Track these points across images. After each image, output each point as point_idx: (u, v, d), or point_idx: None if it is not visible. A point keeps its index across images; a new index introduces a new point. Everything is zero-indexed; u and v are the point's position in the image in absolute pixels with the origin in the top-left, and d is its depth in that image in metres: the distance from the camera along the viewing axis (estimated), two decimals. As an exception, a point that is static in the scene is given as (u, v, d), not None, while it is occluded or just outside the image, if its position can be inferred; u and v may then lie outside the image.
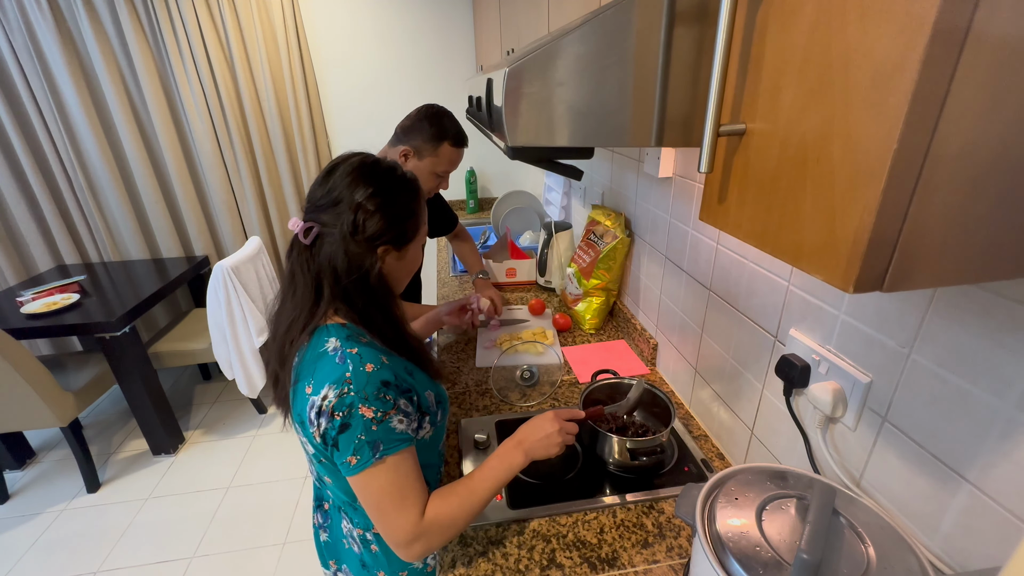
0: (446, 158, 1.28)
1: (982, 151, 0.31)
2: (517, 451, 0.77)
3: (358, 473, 0.66)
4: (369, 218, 0.71)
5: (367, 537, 0.82)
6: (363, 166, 0.74)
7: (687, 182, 1.07)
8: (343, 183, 0.72)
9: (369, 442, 0.65)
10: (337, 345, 0.69)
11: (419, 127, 1.25)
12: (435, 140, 1.25)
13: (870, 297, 0.64)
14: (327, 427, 0.65)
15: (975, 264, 0.34)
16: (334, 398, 0.65)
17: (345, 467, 0.66)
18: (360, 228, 0.70)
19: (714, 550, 0.54)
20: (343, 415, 0.65)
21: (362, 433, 0.65)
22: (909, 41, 0.28)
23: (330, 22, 2.57)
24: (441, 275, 2.03)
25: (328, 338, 0.70)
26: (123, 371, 2.12)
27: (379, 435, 0.66)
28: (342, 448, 0.65)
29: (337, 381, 0.66)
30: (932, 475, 0.57)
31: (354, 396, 0.65)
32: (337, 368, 0.67)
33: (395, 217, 0.73)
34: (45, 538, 1.95)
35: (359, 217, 0.70)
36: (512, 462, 0.76)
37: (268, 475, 2.22)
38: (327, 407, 0.65)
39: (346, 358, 0.67)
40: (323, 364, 0.68)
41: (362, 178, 0.72)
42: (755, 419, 0.90)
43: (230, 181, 2.70)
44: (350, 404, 0.65)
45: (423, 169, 1.28)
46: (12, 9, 2.20)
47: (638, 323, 1.40)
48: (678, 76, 0.53)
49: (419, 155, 1.26)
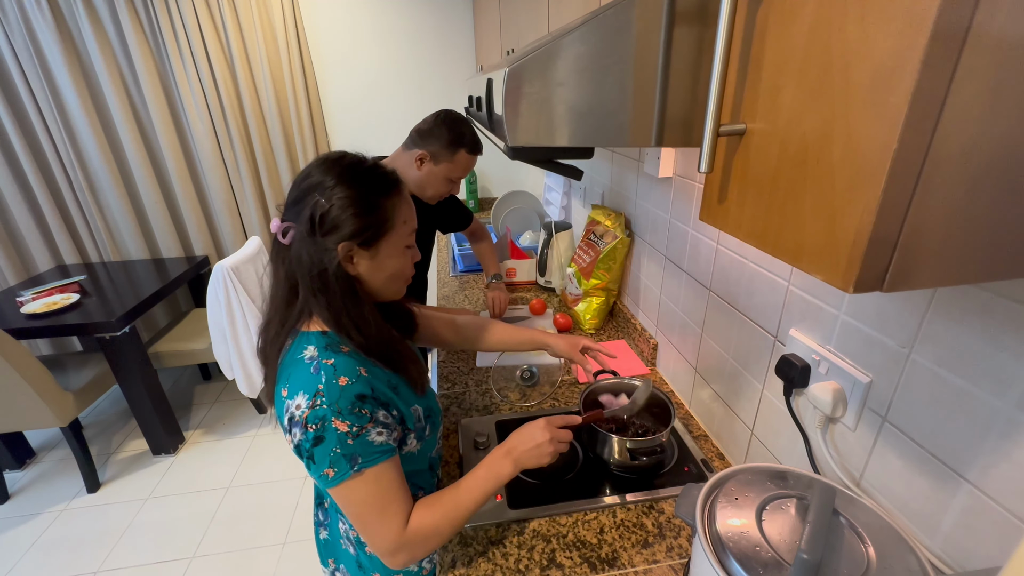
0: (462, 165, 1.29)
1: (982, 151, 0.31)
2: (506, 461, 0.75)
3: (336, 486, 0.65)
4: (325, 212, 0.67)
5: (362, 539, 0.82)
6: (326, 161, 0.71)
7: (687, 182, 1.07)
8: (308, 180, 0.70)
9: (346, 455, 0.64)
10: (314, 354, 0.67)
11: (437, 132, 1.25)
12: (452, 146, 1.25)
13: (870, 297, 0.64)
14: (301, 439, 0.64)
15: (975, 264, 0.34)
16: (307, 409, 0.64)
17: (323, 480, 0.65)
18: (316, 223, 0.67)
19: (714, 550, 0.54)
20: (316, 428, 0.63)
21: (337, 447, 0.64)
22: (909, 41, 0.28)
23: (330, 22, 2.57)
24: (441, 275, 2.03)
25: (307, 345, 0.69)
26: (123, 371, 2.12)
27: (356, 448, 0.65)
28: (318, 461, 0.64)
29: (310, 391, 0.64)
30: (932, 475, 0.57)
31: (327, 409, 0.63)
32: (311, 378, 0.65)
33: (354, 211, 0.68)
34: (45, 538, 1.95)
35: (315, 212, 0.66)
36: (500, 472, 0.74)
37: (268, 475, 2.22)
38: (300, 417, 0.64)
39: (320, 369, 0.66)
40: (298, 371, 0.67)
41: (323, 172, 0.69)
42: (755, 419, 0.90)
43: (230, 181, 2.70)
44: (323, 417, 0.63)
45: (438, 174, 1.28)
46: (12, 9, 2.20)
47: (638, 323, 1.40)
48: (678, 76, 0.53)
49: (435, 160, 1.26)
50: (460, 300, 1.77)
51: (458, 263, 2.05)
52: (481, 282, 1.91)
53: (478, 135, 1.29)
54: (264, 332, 0.75)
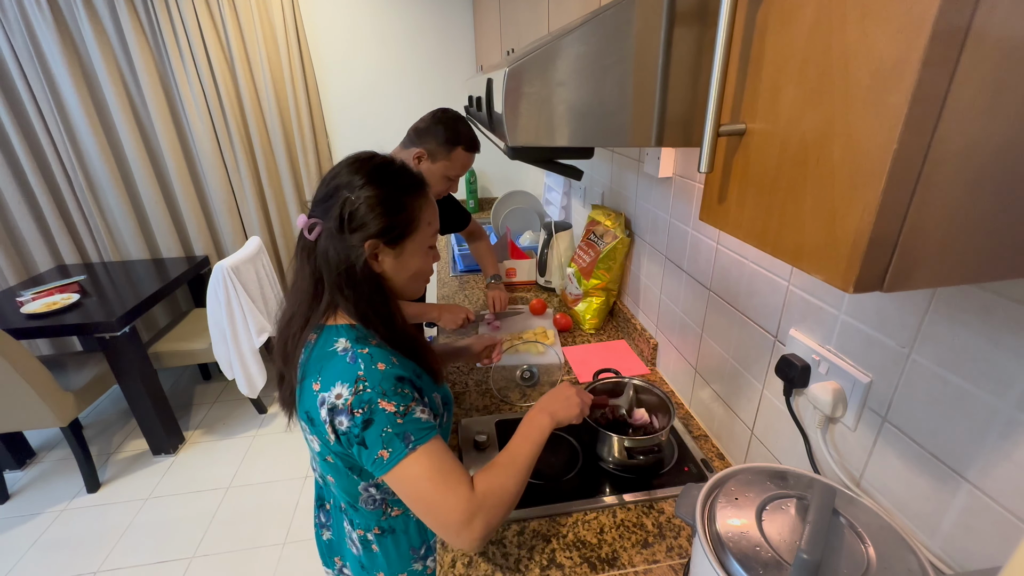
0: (459, 162, 1.29)
1: (982, 151, 0.31)
2: (542, 415, 0.77)
3: (393, 467, 0.64)
4: (354, 210, 0.69)
5: (368, 538, 0.82)
6: (357, 160, 0.73)
7: (687, 182, 1.07)
8: (337, 178, 0.72)
9: (398, 434, 0.64)
10: (347, 346, 0.69)
11: (434, 131, 1.26)
12: (449, 144, 1.26)
13: (870, 297, 0.64)
14: (349, 425, 0.64)
15: (975, 264, 0.34)
16: (350, 395, 0.64)
17: (378, 464, 0.64)
18: (345, 221, 0.69)
19: (714, 550, 0.54)
20: (363, 411, 0.64)
21: (388, 426, 0.64)
22: (909, 41, 0.28)
23: (330, 22, 2.57)
24: (441, 275, 2.03)
25: (337, 338, 0.70)
26: (123, 371, 2.13)
27: (406, 427, 0.65)
28: (371, 445, 0.64)
29: (350, 379, 0.65)
30: (932, 475, 0.57)
31: (372, 393, 0.64)
32: (349, 367, 0.66)
33: (381, 210, 0.70)
34: (45, 538, 1.95)
35: (344, 210, 0.69)
36: (541, 424, 0.76)
37: (268, 475, 2.22)
38: (344, 405, 0.64)
39: (357, 358, 0.67)
40: (333, 363, 0.67)
41: (352, 172, 0.72)
42: (755, 419, 0.90)
43: (230, 181, 2.70)
44: (369, 400, 0.64)
45: (436, 172, 1.29)
46: (12, 9, 2.20)
47: (638, 323, 1.40)
48: (678, 76, 0.53)
49: (433, 158, 1.27)
50: (460, 300, 1.77)
51: (458, 263, 2.06)
52: (481, 282, 1.91)
53: (475, 133, 1.30)
54: (286, 327, 0.75)
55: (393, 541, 0.83)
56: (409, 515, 0.83)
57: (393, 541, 0.83)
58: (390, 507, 0.80)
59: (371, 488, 0.76)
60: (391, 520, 0.82)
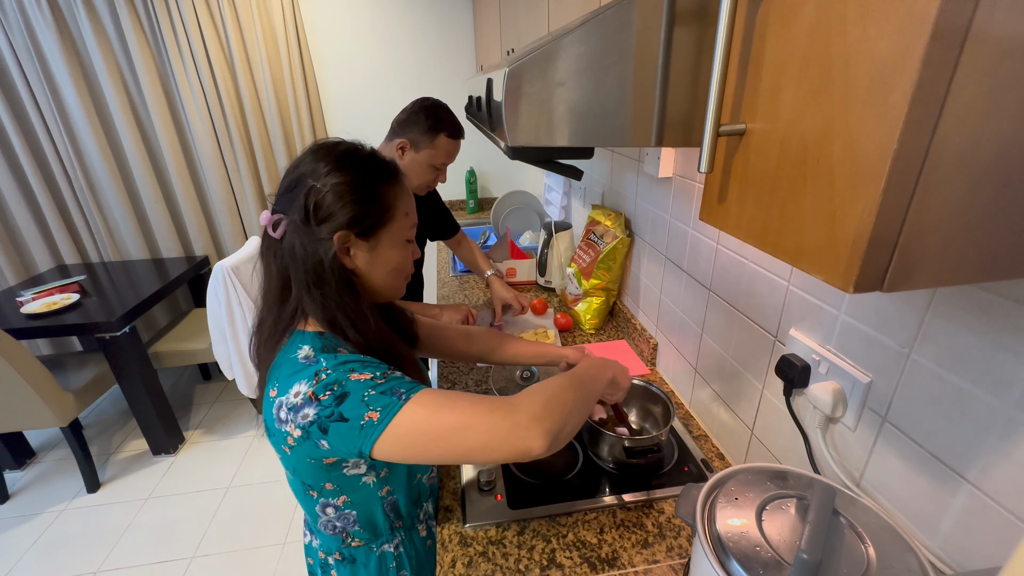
0: (443, 150, 1.28)
1: (982, 151, 0.31)
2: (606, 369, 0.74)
3: (389, 423, 0.56)
4: (320, 199, 0.62)
5: (328, 562, 0.78)
6: (322, 147, 0.67)
7: (687, 182, 1.07)
8: (300, 167, 0.65)
9: (384, 391, 0.58)
10: (309, 354, 0.63)
11: (415, 120, 1.26)
12: (432, 132, 1.25)
13: (870, 297, 0.64)
14: (317, 411, 0.57)
15: (975, 264, 0.34)
16: (310, 388, 0.58)
17: (368, 430, 0.56)
18: (310, 211, 0.62)
19: (714, 550, 0.54)
20: (333, 391, 0.58)
21: (370, 389, 0.57)
22: (909, 41, 0.28)
23: (330, 22, 2.57)
24: (441, 275, 2.03)
25: (302, 345, 0.64)
26: (123, 371, 2.13)
27: (391, 384, 0.59)
28: (352, 416, 0.56)
29: (308, 376, 0.59)
30: (932, 475, 0.57)
31: (336, 374, 0.59)
32: (307, 368, 0.60)
33: (351, 198, 0.64)
34: (45, 538, 1.95)
35: (310, 199, 0.62)
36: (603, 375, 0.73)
37: (268, 475, 2.22)
38: (305, 398, 0.58)
39: (319, 358, 0.62)
40: (289, 368, 0.62)
41: (317, 159, 0.65)
42: (755, 419, 0.90)
43: (230, 181, 2.70)
44: (336, 380, 0.58)
45: (421, 162, 1.28)
46: (12, 9, 2.20)
47: (638, 323, 1.40)
48: (678, 76, 0.53)
49: (416, 148, 1.27)
50: (460, 300, 1.77)
51: (458, 263, 2.06)
52: (481, 281, 1.91)
53: (458, 120, 1.29)
54: (257, 333, 0.70)
55: (351, 573, 0.78)
56: (372, 548, 0.77)
57: (351, 573, 0.78)
58: (350, 537, 0.76)
59: (328, 509, 0.71)
60: (352, 550, 0.77)
